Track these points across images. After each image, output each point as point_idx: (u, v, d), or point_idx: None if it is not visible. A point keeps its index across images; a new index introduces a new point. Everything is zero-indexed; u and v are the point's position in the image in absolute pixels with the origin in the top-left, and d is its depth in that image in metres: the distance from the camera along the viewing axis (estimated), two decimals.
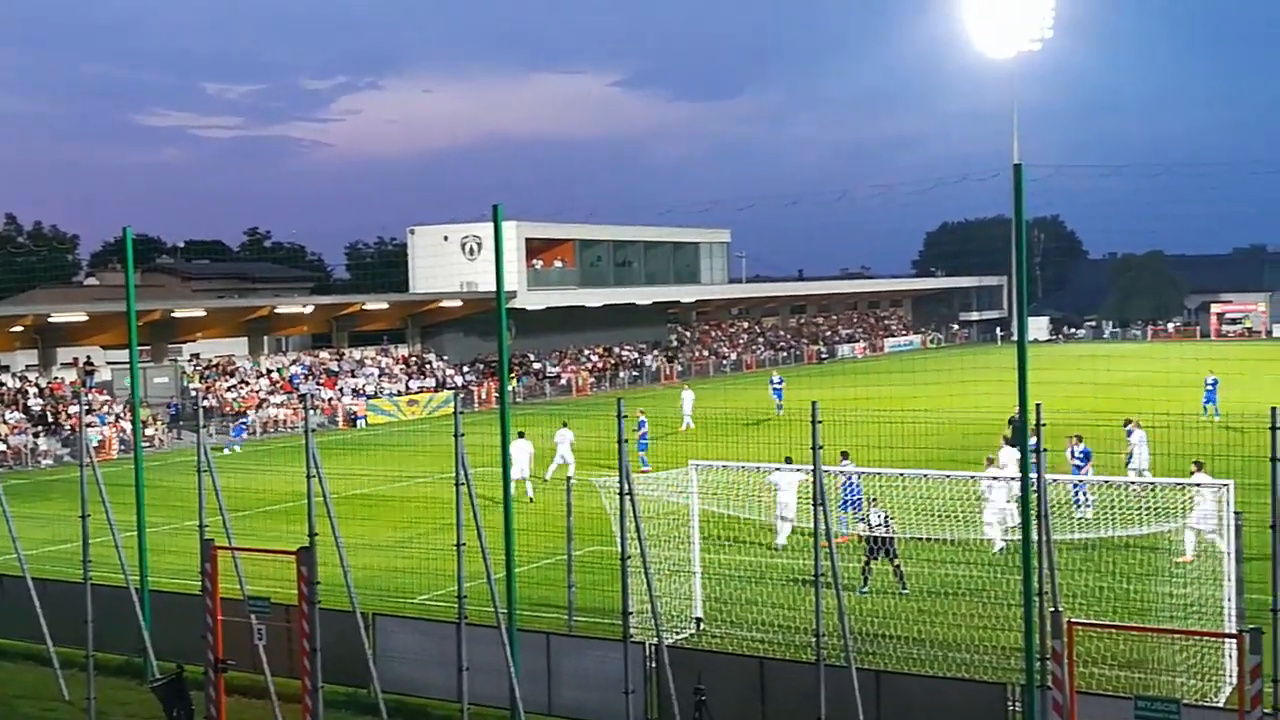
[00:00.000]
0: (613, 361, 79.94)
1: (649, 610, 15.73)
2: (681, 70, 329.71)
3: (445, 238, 71.94)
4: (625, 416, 15.38)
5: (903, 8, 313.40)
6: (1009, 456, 27.15)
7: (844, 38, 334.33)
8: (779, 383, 53.11)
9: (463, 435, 15.49)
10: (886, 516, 20.83)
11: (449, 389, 64.32)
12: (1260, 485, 14.00)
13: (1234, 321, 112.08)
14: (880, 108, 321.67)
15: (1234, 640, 13.97)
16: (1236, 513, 15.75)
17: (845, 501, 23.01)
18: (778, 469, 21.85)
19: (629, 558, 15.48)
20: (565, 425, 36.63)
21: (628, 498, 15.23)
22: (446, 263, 69.17)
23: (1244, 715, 12.67)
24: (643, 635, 16.37)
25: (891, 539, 20.92)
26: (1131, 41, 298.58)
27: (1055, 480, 19.36)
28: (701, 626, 19.55)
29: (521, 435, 33.10)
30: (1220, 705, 14.91)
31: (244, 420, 53.59)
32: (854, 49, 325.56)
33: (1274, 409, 13.91)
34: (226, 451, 46.89)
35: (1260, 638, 13.04)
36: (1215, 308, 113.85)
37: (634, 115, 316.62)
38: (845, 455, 26.04)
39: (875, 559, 20.95)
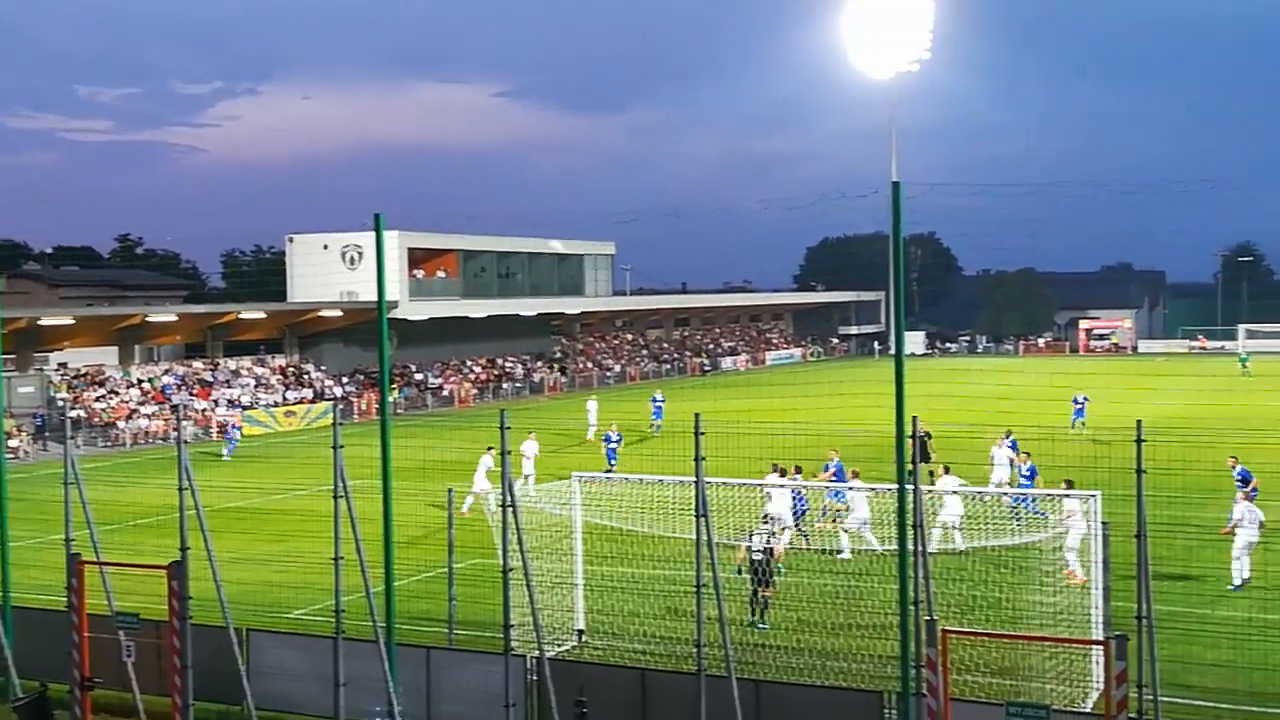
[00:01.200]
0: (496, 373, 79.48)
1: (531, 623, 15.64)
2: (567, 82, 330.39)
3: (325, 246, 70.90)
4: (509, 429, 15.30)
5: (788, 27, 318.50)
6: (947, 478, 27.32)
7: (731, 55, 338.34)
8: (660, 401, 53.32)
9: (342, 447, 15.26)
10: (770, 537, 20.57)
11: (328, 400, 63.29)
12: (1126, 496, 14.45)
13: (1101, 337, 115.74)
14: (765, 124, 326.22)
15: (1101, 647, 14.39)
16: (1104, 523, 16.21)
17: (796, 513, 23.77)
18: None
19: (511, 570, 15.38)
20: (531, 435, 36.51)
21: (510, 510, 15.14)
22: (326, 272, 68.19)
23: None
24: (524, 648, 16.26)
25: (771, 568, 20.38)
26: (1005, 65, 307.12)
27: (930, 491, 19.78)
28: (584, 639, 19.50)
29: (531, 434, 34.79)
30: (1088, 710, 15.33)
31: (237, 427, 52.34)
32: (741, 66, 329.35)
33: (1139, 422, 14.38)
34: (227, 455, 46.92)
35: (1125, 644, 13.44)
36: (1084, 324, 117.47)
37: (519, 126, 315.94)
38: (799, 470, 27.05)
39: (763, 586, 20.40)
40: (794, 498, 24.21)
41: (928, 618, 14.47)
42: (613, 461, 38.44)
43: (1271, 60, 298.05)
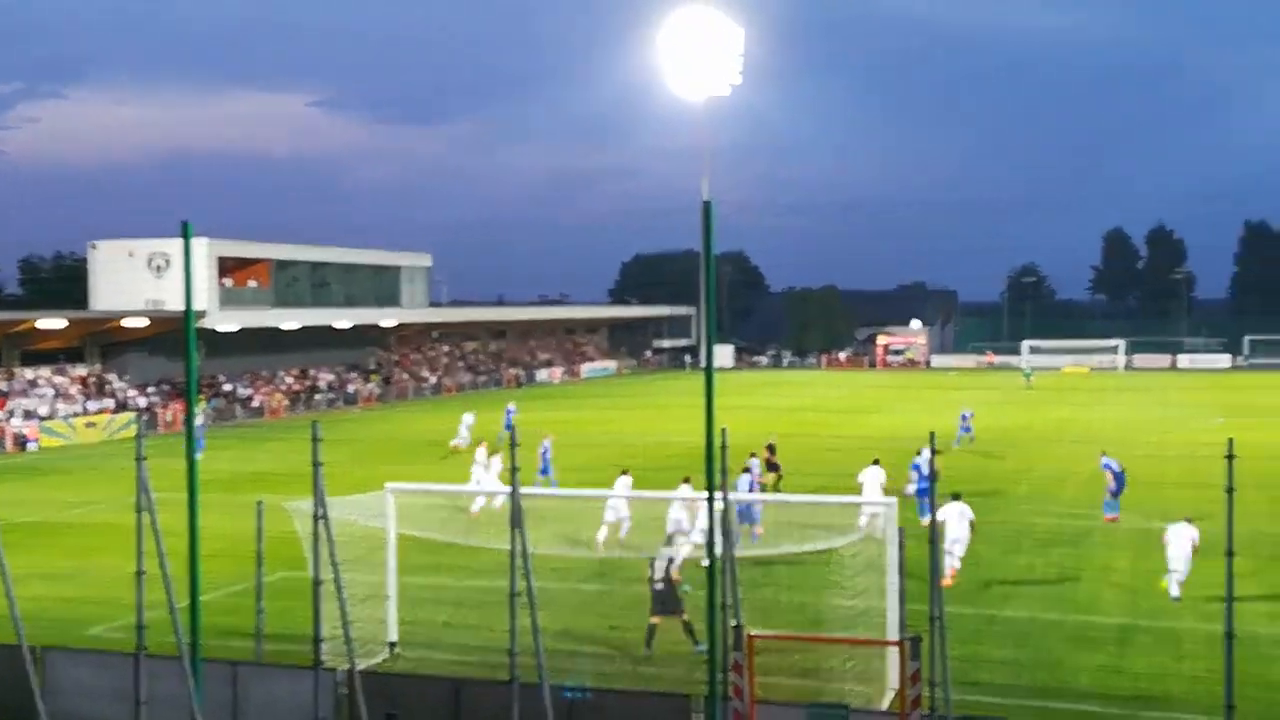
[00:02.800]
0: (308, 384, 77.80)
1: (342, 636, 15.52)
2: (386, 93, 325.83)
3: (131, 254, 68.23)
4: (320, 440, 15.18)
5: (608, 46, 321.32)
6: (872, 477, 28.37)
7: (550, 71, 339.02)
8: (513, 412, 52.90)
9: (145, 459, 14.89)
10: (670, 562, 19.65)
11: (131, 411, 60.95)
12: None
13: (898, 352, 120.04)
14: (584, 141, 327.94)
15: (897, 647, 15.11)
16: (900, 529, 17.01)
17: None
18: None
19: (322, 583, 15.24)
20: (549, 437, 36.23)
21: (321, 521, 15.02)
22: (131, 280, 65.68)
23: (905, 717, 13.75)
24: (335, 662, 16.12)
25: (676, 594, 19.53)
26: (811, 92, 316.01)
27: (736, 499, 20.36)
28: (396, 651, 19.41)
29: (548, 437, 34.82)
30: (884, 709, 16.03)
31: (203, 426, 49.86)
32: (560, 82, 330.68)
33: (932, 434, 15.20)
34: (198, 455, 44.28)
35: (919, 645, 14.18)
36: (881, 339, 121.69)
37: (335, 136, 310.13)
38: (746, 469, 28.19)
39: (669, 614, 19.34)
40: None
41: (734, 623, 14.99)
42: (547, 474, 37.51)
43: (1055, 93, 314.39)
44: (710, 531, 14.85)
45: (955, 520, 23.66)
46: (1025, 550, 26.55)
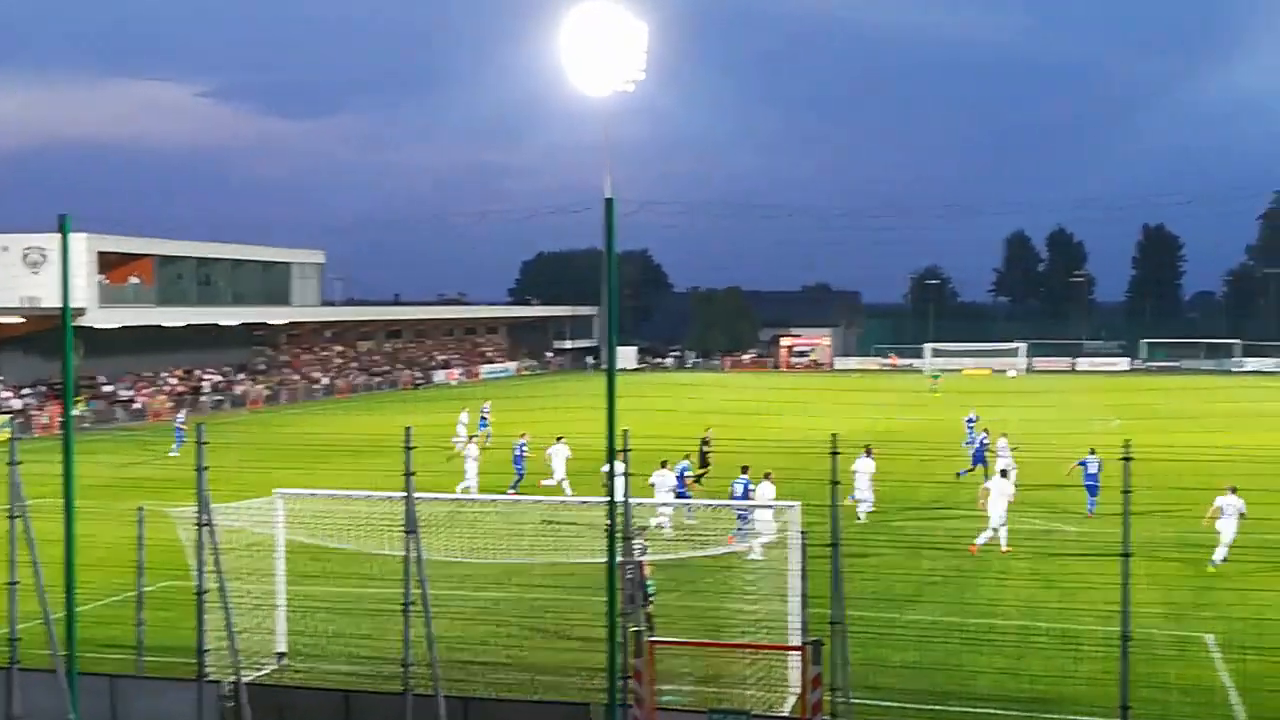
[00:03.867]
0: (194, 385, 75.92)
1: (228, 647, 14.93)
2: (279, 85, 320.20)
3: (5, 248, 66.00)
4: (205, 443, 14.59)
5: (509, 40, 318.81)
6: (864, 467, 30.95)
7: (450, 66, 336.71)
8: (486, 410, 52.30)
9: (19, 463, 14.17)
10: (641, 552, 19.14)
11: (4, 413, 58.87)
12: (824, 506, 15.07)
13: (802, 354, 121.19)
14: (484, 137, 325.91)
15: (798, 652, 14.95)
16: (802, 532, 16.88)
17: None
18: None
19: (206, 592, 14.65)
20: (560, 440, 35.99)
21: (206, 528, 14.42)
22: (5, 276, 63.52)
23: None
24: (220, 673, 15.51)
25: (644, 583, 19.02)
26: (716, 89, 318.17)
27: (640, 504, 20.07)
28: (285, 661, 18.78)
29: (560, 440, 35.43)
30: (786, 714, 15.87)
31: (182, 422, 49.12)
32: (458, 77, 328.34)
33: (834, 435, 15.04)
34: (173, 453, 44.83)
35: (820, 649, 14.03)
36: (785, 340, 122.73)
37: (225, 128, 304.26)
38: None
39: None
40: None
41: (634, 629, 14.70)
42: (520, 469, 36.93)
43: (960, 96, 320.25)
44: (610, 538, 14.53)
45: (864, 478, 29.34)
46: (927, 554, 26.67)
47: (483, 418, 51.61)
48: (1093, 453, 31.99)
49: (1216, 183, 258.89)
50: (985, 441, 37.81)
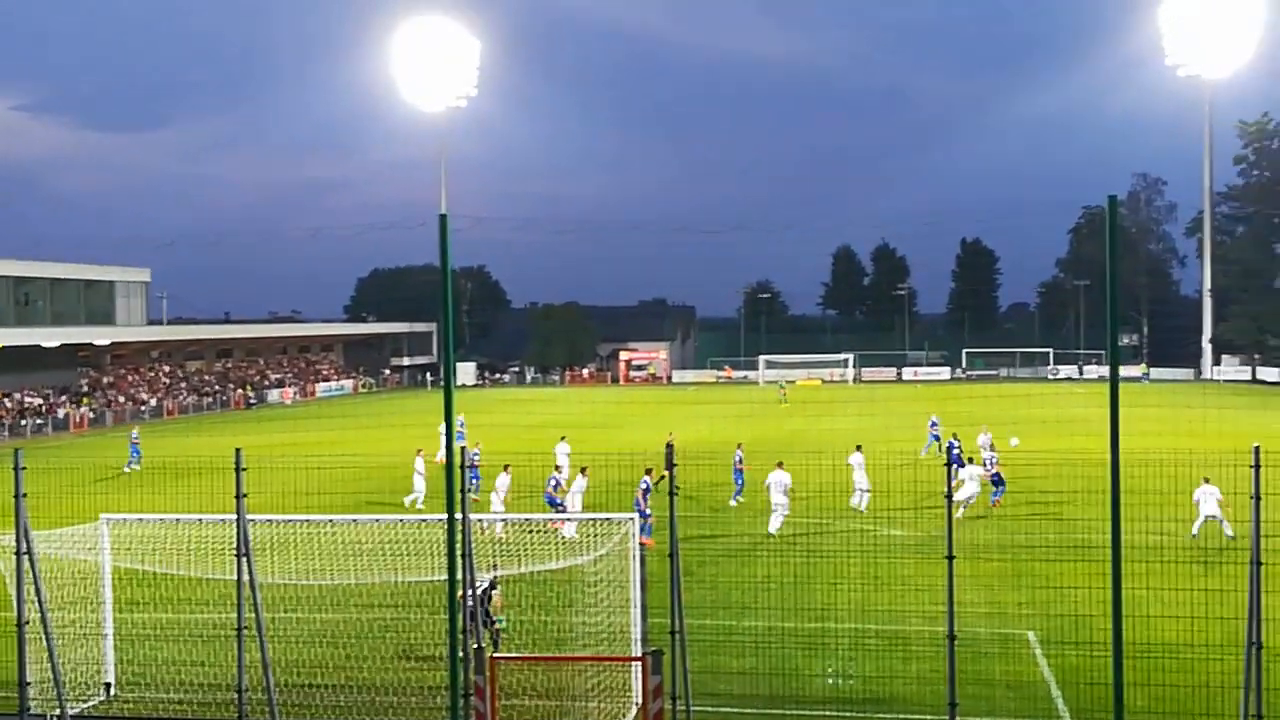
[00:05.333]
0: (13, 409, 72.64)
1: (51, 680, 14.37)
2: (98, 99, 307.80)
3: None
4: (24, 469, 14.06)
5: (339, 54, 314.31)
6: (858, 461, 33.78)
7: (279, 79, 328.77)
8: (462, 425, 51.07)
9: None
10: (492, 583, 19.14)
11: None
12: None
13: (640, 368, 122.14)
14: (315, 151, 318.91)
15: (639, 663, 15.14)
16: (641, 546, 17.08)
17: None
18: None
19: (27, 623, 14.09)
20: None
21: (25, 557, 13.88)
22: None
23: None
24: (44, 707, 14.93)
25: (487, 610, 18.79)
26: (551, 105, 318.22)
27: (479, 520, 20.03)
28: (114, 692, 18.16)
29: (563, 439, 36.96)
30: None
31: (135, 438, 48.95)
32: (288, 91, 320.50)
33: (669, 446, 15.29)
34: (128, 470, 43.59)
35: (660, 659, 14.24)
36: (624, 355, 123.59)
37: (42, 142, 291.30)
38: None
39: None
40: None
41: (476, 645, 14.68)
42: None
43: (789, 115, 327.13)
44: (450, 555, 14.48)
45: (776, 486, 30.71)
46: (763, 561, 27.19)
47: (459, 432, 50.92)
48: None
49: (1030, 199, 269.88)
50: (956, 444, 39.24)
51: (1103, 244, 12.94)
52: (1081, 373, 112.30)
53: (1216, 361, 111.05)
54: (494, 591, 19.13)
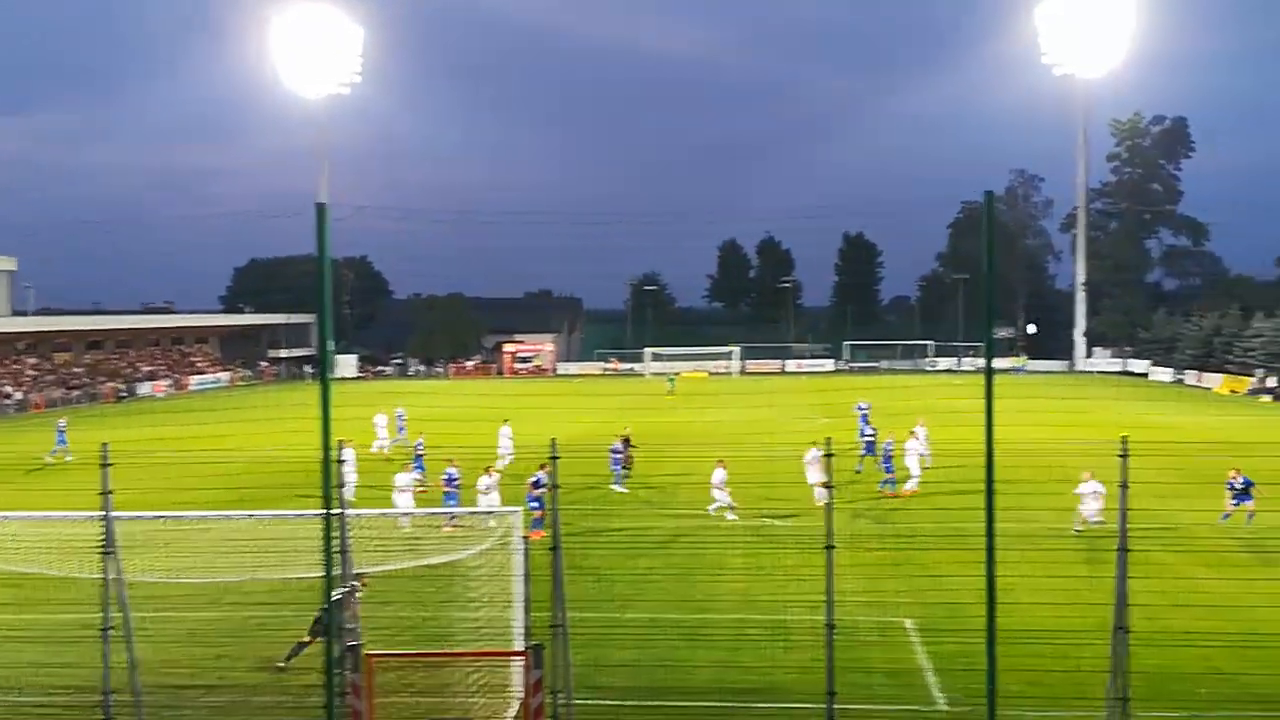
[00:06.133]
0: None
1: None
2: None
3: None
4: None
5: (218, 38, 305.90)
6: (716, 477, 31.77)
7: (151, 64, 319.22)
8: (403, 417, 49.99)
9: None
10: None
11: None
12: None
13: (525, 360, 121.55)
14: (191, 138, 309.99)
15: (521, 658, 15.00)
16: (524, 537, 16.93)
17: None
18: None
19: None
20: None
21: None
22: None
23: None
24: None
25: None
26: (435, 94, 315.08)
27: (360, 515, 19.65)
28: None
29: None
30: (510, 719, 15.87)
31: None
32: (161, 76, 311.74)
33: (553, 440, 15.18)
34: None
35: (542, 653, 14.13)
36: (509, 347, 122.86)
37: None
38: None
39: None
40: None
41: (352, 643, 14.39)
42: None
43: (677, 108, 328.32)
44: (326, 552, 14.15)
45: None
46: (646, 553, 27.21)
47: (400, 424, 50.21)
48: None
49: (911, 193, 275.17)
50: (874, 433, 39.64)
51: (981, 238, 13.15)
52: (960, 364, 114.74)
53: (1089, 354, 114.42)
54: (354, 597, 18.65)
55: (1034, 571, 22.68)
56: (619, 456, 36.56)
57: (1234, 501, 28.82)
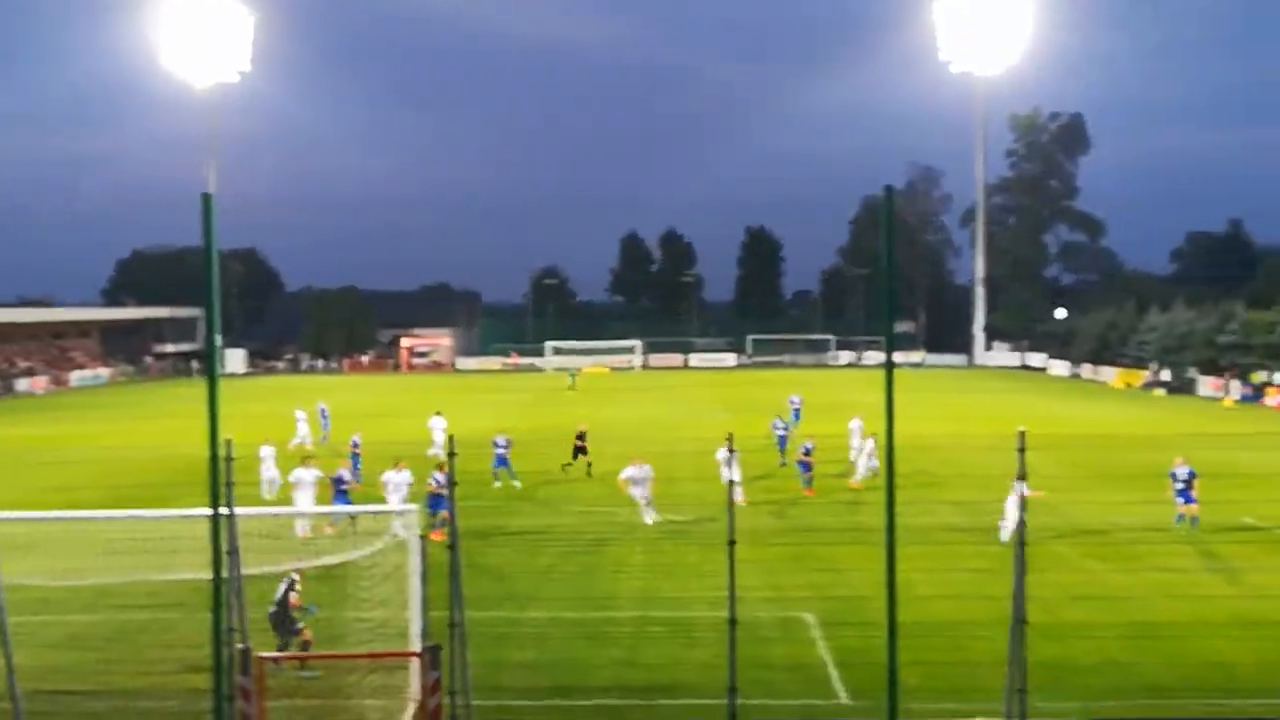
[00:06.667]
0: None
1: None
2: None
3: None
4: None
5: (98, 21, 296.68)
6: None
7: (24, 46, 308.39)
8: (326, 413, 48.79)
9: None
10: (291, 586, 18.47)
11: None
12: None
13: (423, 354, 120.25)
14: (70, 126, 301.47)
15: (417, 659, 14.61)
16: (421, 536, 16.53)
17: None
18: None
19: None
20: None
21: None
22: None
23: None
24: None
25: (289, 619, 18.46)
26: (328, 84, 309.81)
27: (248, 514, 19.05)
28: None
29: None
30: None
31: None
32: (38, 59, 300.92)
33: (451, 437, 14.78)
34: None
35: (439, 654, 13.78)
36: (406, 341, 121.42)
37: None
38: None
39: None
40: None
41: (241, 646, 13.89)
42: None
43: (579, 100, 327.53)
44: (215, 550, 13.64)
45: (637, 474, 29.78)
46: (547, 552, 26.90)
47: (323, 419, 49.34)
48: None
49: (814, 188, 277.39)
50: (787, 427, 39.72)
51: (881, 233, 13.11)
52: (861, 358, 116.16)
53: (989, 348, 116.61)
54: (292, 593, 18.24)
55: (933, 565, 22.87)
56: (502, 453, 36.03)
57: (1181, 499, 27.70)
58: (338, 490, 28.27)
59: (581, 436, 38.51)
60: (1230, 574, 23.84)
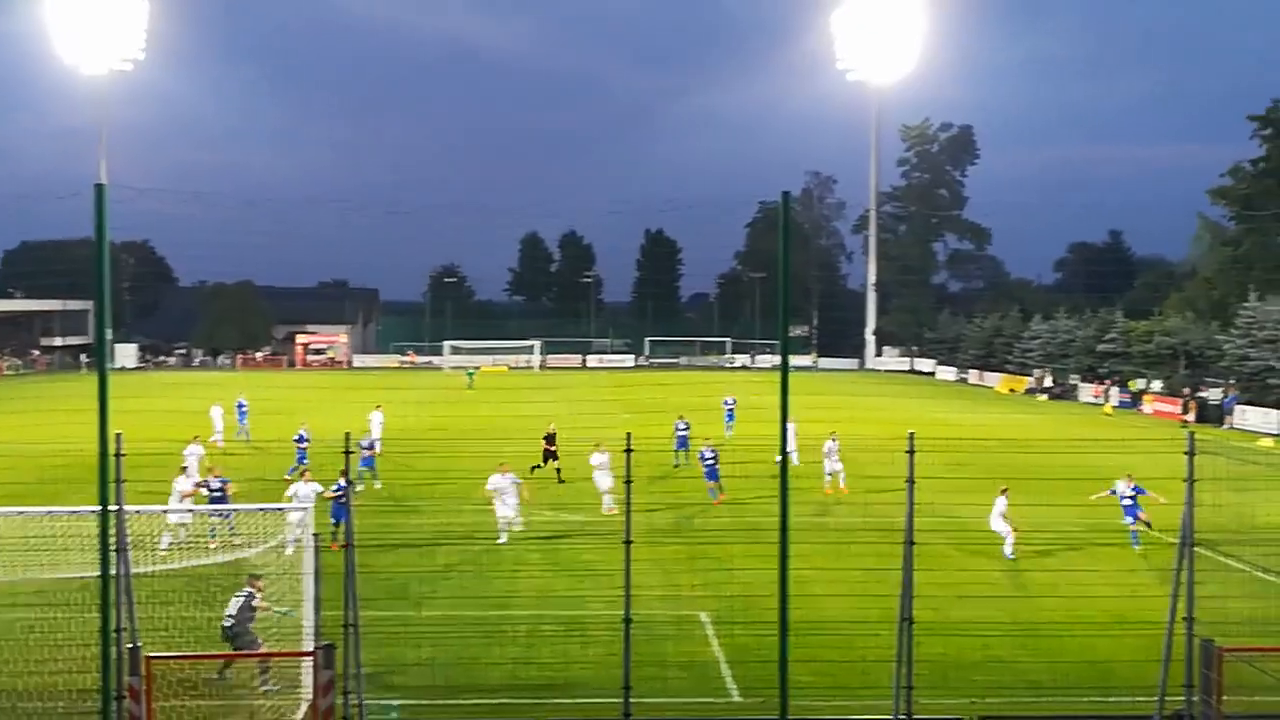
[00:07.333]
0: None
1: None
2: None
3: None
4: None
5: None
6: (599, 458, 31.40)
7: None
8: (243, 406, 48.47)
9: None
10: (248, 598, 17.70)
11: None
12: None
13: (319, 352, 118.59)
14: None
15: (310, 658, 14.53)
16: (315, 535, 16.42)
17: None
18: None
19: None
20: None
21: None
22: None
23: None
24: None
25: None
26: (226, 76, 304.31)
27: (138, 511, 18.75)
28: None
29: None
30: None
31: None
32: None
33: (347, 434, 14.74)
34: None
35: (333, 653, 13.73)
36: (301, 338, 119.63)
37: None
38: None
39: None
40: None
41: (131, 645, 13.70)
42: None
43: (482, 100, 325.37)
44: (103, 550, 13.44)
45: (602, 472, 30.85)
46: (444, 551, 26.80)
47: (241, 414, 48.44)
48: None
49: (711, 191, 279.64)
50: (686, 429, 39.78)
51: (777, 238, 13.39)
52: (755, 361, 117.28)
53: (879, 352, 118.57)
54: (256, 599, 17.68)
55: (826, 564, 23.26)
56: (368, 454, 35.68)
57: (1130, 519, 27.53)
58: (212, 495, 27.30)
59: (550, 439, 37.29)
60: (1110, 575, 24.62)
